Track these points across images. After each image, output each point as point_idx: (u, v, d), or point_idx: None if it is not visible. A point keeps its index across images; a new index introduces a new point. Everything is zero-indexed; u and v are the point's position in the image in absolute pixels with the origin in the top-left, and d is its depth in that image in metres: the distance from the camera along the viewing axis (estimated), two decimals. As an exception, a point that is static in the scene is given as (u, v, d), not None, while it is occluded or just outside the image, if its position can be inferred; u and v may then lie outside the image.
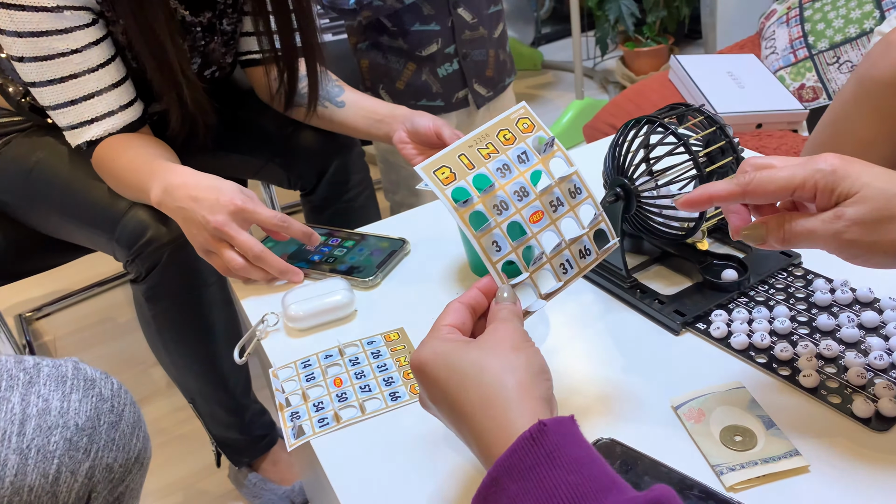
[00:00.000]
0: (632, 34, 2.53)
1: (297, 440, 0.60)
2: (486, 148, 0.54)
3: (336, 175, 1.18)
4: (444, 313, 0.49)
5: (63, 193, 1.02)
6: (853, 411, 0.53)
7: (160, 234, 0.93)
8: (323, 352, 0.69)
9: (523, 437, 0.39)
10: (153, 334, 1.03)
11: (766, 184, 0.47)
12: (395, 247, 0.82)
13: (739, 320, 0.63)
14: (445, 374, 0.45)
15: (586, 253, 0.54)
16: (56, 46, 0.86)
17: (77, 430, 0.53)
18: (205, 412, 1.12)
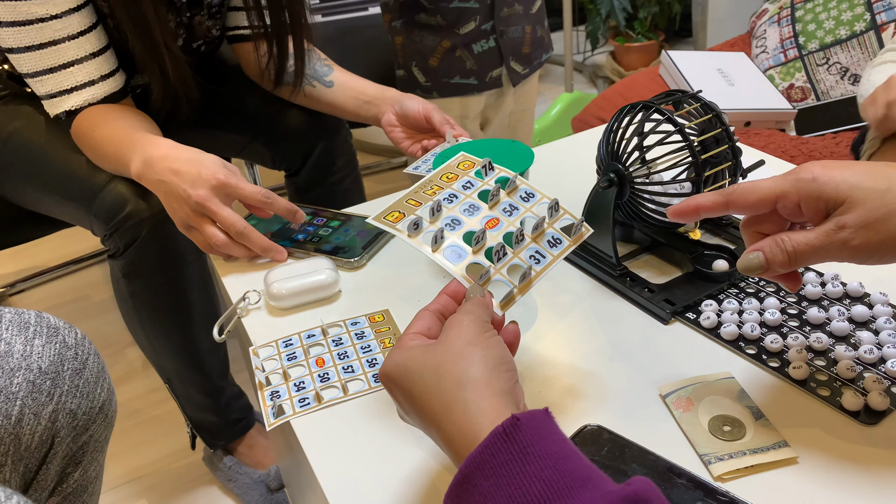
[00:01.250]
0: (623, 29, 2.52)
1: (276, 420, 0.58)
2: (430, 189, 0.57)
3: (322, 157, 1.16)
4: (411, 322, 0.49)
5: (40, 165, 0.99)
6: (842, 404, 0.52)
7: (140, 208, 0.91)
8: (305, 331, 0.67)
9: (495, 433, 0.38)
10: (130, 312, 1.01)
11: (748, 194, 0.47)
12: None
13: (730, 311, 0.62)
14: (408, 384, 0.44)
15: (556, 242, 0.54)
16: (35, 11, 0.83)
17: (40, 374, 0.52)
18: (181, 393, 1.10)
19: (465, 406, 0.41)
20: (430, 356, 0.44)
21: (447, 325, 0.47)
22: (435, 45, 1.30)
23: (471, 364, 0.43)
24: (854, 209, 0.43)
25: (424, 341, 0.47)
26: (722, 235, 0.73)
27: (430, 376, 0.43)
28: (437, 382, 0.43)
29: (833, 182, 0.44)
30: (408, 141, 0.97)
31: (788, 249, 0.45)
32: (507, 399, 0.42)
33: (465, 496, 0.38)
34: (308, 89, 1.06)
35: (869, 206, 0.43)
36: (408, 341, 0.47)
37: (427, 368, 0.44)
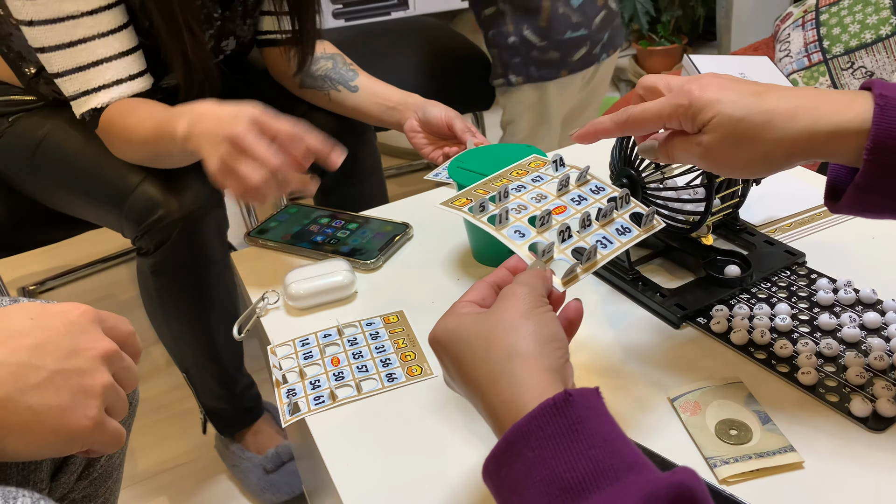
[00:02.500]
0: (645, 33, 2.51)
1: (292, 416, 0.60)
2: (499, 181, 0.59)
3: (347, 160, 1.18)
4: (467, 291, 0.49)
5: (70, 167, 1.01)
6: (851, 410, 0.53)
7: (171, 210, 0.93)
8: (322, 331, 0.69)
9: (545, 406, 0.38)
10: (155, 307, 1.03)
11: (639, 115, 0.53)
12: (398, 231, 0.82)
13: (740, 316, 0.62)
14: (457, 351, 0.45)
15: (625, 231, 0.54)
16: (66, 9, 0.84)
17: None
18: (198, 383, 1.14)
19: (511, 379, 0.41)
20: (480, 325, 0.45)
21: (502, 294, 0.47)
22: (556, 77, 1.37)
23: (521, 337, 0.43)
24: (710, 132, 0.49)
25: (477, 309, 0.47)
26: (735, 241, 0.73)
27: (480, 345, 0.43)
28: (485, 353, 0.43)
29: (705, 107, 0.49)
30: (429, 147, 0.98)
31: (668, 150, 0.53)
32: (556, 376, 0.42)
33: (507, 464, 0.39)
34: (333, 94, 1.07)
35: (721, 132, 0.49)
36: (460, 308, 0.47)
37: (477, 337, 0.44)
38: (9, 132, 1.06)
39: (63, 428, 0.42)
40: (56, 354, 0.43)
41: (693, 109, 0.49)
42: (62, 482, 0.59)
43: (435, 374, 0.62)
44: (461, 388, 0.46)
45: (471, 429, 0.56)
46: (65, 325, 0.45)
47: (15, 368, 0.42)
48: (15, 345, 0.42)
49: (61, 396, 0.42)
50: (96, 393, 0.44)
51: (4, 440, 0.41)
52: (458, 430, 0.56)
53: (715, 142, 0.49)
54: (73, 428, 0.43)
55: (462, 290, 0.72)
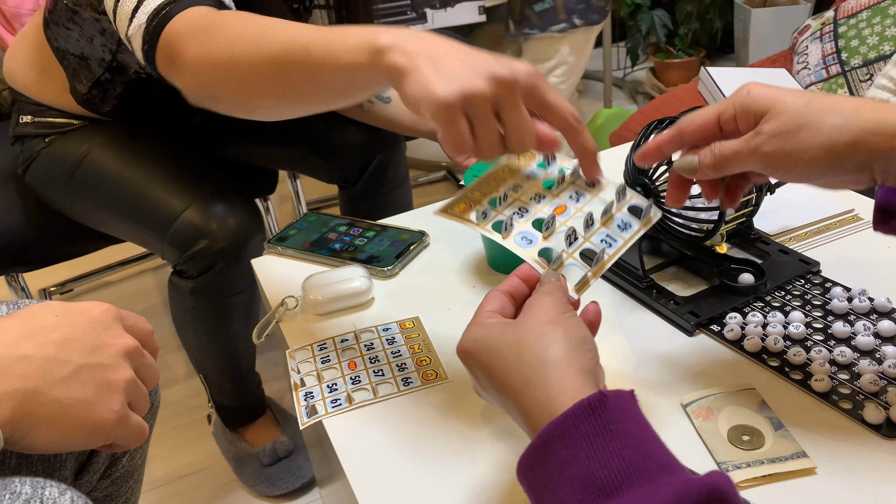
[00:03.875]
0: (663, 46, 2.52)
1: (309, 419, 0.61)
2: (494, 181, 0.58)
3: (378, 169, 1.20)
4: (484, 301, 0.50)
5: (112, 188, 1.02)
6: (864, 417, 0.53)
7: (215, 240, 0.94)
8: (339, 336, 0.70)
9: (580, 405, 0.39)
10: (186, 322, 1.06)
11: (694, 119, 0.52)
12: (414, 239, 0.83)
13: (754, 323, 0.63)
14: (487, 359, 0.46)
15: (626, 226, 0.55)
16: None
17: None
18: (213, 383, 1.17)
19: (546, 382, 0.42)
20: (510, 333, 0.45)
21: (528, 304, 0.48)
22: None
23: (552, 342, 0.44)
24: (772, 119, 0.47)
25: (500, 319, 0.48)
26: (749, 250, 0.73)
27: (511, 353, 0.44)
28: (517, 359, 0.44)
29: (763, 97, 0.48)
30: (462, 156, 1.00)
31: (715, 152, 0.50)
32: (589, 377, 0.43)
33: (542, 462, 0.39)
34: (366, 105, 1.09)
35: (784, 117, 0.47)
36: (485, 318, 0.48)
37: (507, 345, 0.45)
38: (45, 152, 1.08)
39: (88, 421, 0.44)
40: (81, 350, 0.45)
41: (751, 100, 0.48)
42: (85, 481, 0.60)
43: (450, 378, 0.63)
44: (494, 395, 0.47)
45: (486, 433, 0.57)
46: (88, 321, 0.47)
47: (42, 362, 0.43)
48: (42, 340, 0.44)
49: (87, 390, 0.44)
50: (120, 387, 0.46)
51: (32, 432, 0.42)
52: (473, 435, 0.57)
53: (776, 129, 0.47)
54: (98, 421, 0.44)
55: (477, 296, 0.74)
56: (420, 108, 0.48)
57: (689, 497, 0.34)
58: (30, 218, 1.15)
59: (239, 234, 0.96)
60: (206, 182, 1.01)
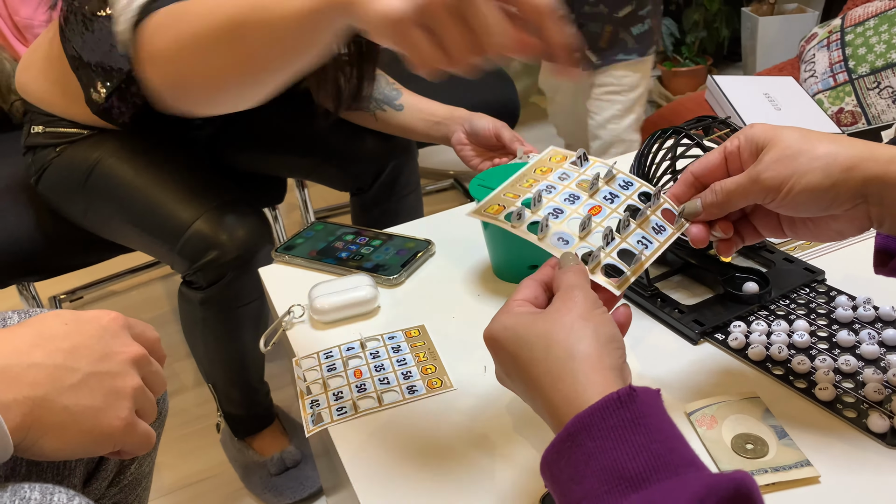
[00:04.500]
0: (670, 54, 2.52)
1: (315, 427, 0.61)
2: (526, 182, 0.58)
3: (390, 177, 1.21)
4: (517, 290, 0.50)
5: (124, 196, 1.03)
6: (868, 426, 0.53)
7: (225, 251, 0.95)
8: (345, 344, 0.70)
9: (609, 399, 0.40)
10: (196, 331, 1.06)
11: (703, 162, 0.54)
12: (420, 247, 0.83)
13: (758, 332, 0.63)
14: (514, 348, 0.46)
15: (660, 229, 0.55)
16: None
17: None
18: (222, 393, 1.18)
19: (574, 377, 0.42)
20: (539, 325, 0.45)
21: (558, 296, 0.48)
22: None
23: (582, 338, 0.44)
24: (771, 150, 0.50)
25: (532, 309, 0.48)
26: (754, 258, 0.73)
27: (539, 345, 0.44)
28: (545, 352, 0.44)
29: (763, 131, 0.51)
30: (477, 159, 1.00)
31: (717, 189, 0.52)
32: (617, 374, 0.43)
33: (567, 454, 0.40)
34: (379, 113, 1.10)
35: (781, 145, 0.49)
36: (515, 307, 0.48)
37: (537, 336, 0.45)
38: (56, 161, 1.09)
39: (96, 428, 0.45)
40: (90, 357, 0.46)
41: (753, 134, 0.51)
42: (94, 488, 0.61)
43: (455, 387, 0.64)
44: (518, 384, 0.47)
45: (492, 441, 0.57)
46: (97, 329, 0.48)
47: (52, 370, 0.44)
48: (51, 348, 0.45)
49: (95, 398, 0.45)
50: (127, 395, 0.46)
51: (42, 439, 0.43)
52: (478, 442, 0.57)
53: (774, 156, 0.49)
54: (106, 428, 0.45)
55: (482, 305, 0.74)
56: (377, 35, 0.46)
57: (718, 491, 0.35)
58: (42, 228, 1.16)
59: (248, 245, 0.97)
60: (217, 193, 1.02)
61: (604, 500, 0.37)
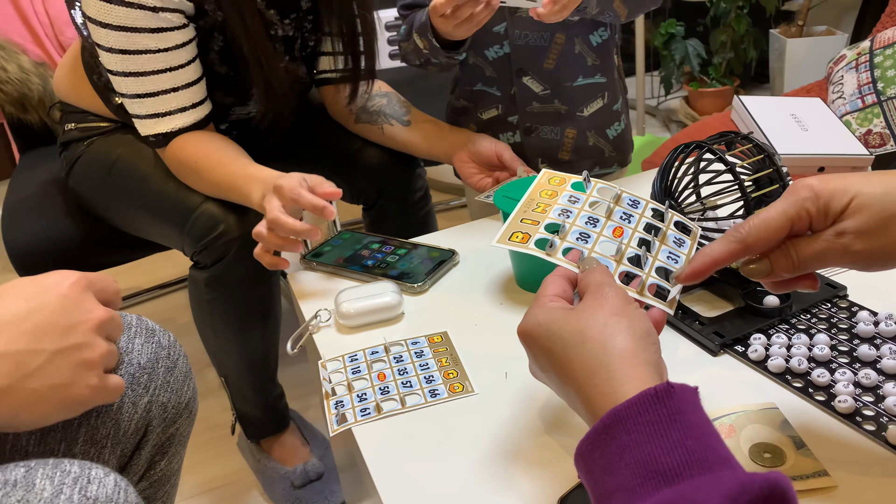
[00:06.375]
0: (697, 74, 2.53)
1: (339, 426, 0.63)
2: (538, 207, 0.60)
3: (397, 191, 1.23)
4: (544, 286, 0.51)
5: (139, 189, 1.09)
6: (888, 438, 0.53)
7: (230, 228, 0.98)
8: (369, 348, 0.72)
9: (646, 394, 0.40)
10: (203, 315, 1.09)
11: (762, 230, 0.47)
12: (444, 257, 0.85)
13: (778, 345, 0.63)
14: (549, 342, 0.47)
15: (680, 242, 0.58)
16: (145, 43, 0.92)
17: (139, 368, 0.58)
18: (234, 388, 1.19)
19: (611, 372, 0.43)
20: (573, 320, 0.46)
21: (589, 292, 0.48)
22: (466, 127, 1.12)
23: (617, 333, 0.45)
24: (855, 215, 0.44)
25: (564, 304, 0.49)
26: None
27: (574, 340, 0.45)
28: (580, 347, 0.45)
29: (837, 192, 0.45)
30: (478, 175, 1.03)
31: (793, 256, 0.47)
32: (653, 370, 0.44)
33: (602, 446, 0.40)
34: (387, 128, 1.13)
35: (869, 211, 0.44)
36: (547, 302, 0.49)
37: (572, 332, 0.46)
38: (85, 154, 1.15)
39: (67, 399, 0.47)
40: (54, 334, 0.47)
41: (823, 199, 0.45)
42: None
43: (476, 391, 0.65)
44: (552, 378, 0.48)
45: (513, 445, 0.58)
46: (58, 300, 0.48)
47: (15, 357, 0.45)
48: (13, 332, 0.46)
49: (62, 374, 0.47)
50: (95, 364, 0.49)
51: (16, 419, 0.46)
52: (498, 445, 0.58)
53: (862, 225, 0.44)
54: (77, 398, 0.48)
55: (505, 314, 0.76)
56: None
57: (751, 490, 0.35)
58: (75, 224, 1.21)
59: (254, 225, 1.00)
60: None
61: (636, 492, 0.37)
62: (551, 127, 1.08)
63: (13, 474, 0.42)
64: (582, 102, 1.06)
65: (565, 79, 1.04)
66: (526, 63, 1.03)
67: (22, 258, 1.20)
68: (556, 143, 1.09)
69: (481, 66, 1.07)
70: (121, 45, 0.92)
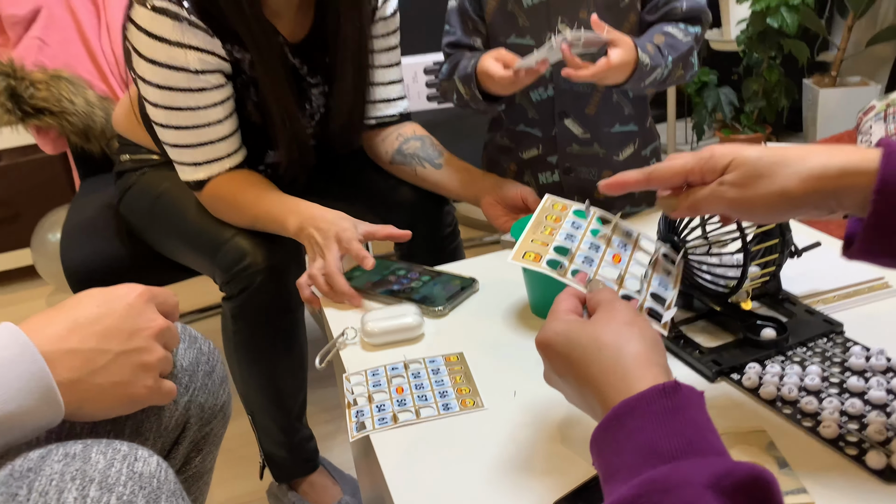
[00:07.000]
0: (729, 122, 2.57)
1: (358, 433, 0.69)
2: (546, 229, 0.67)
3: (427, 228, 1.30)
4: (557, 302, 0.58)
5: (180, 220, 1.18)
6: (867, 462, 0.56)
7: (256, 261, 1.06)
8: (390, 364, 0.78)
9: (655, 388, 0.46)
10: (230, 347, 1.15)
11: (663, 171, 0.60)
12: (465, 284, 0.91)
13: (771, 374, 0.67)
14: (567, 349, 0.53)
15: (668, 272, 0.65)
16: (188, 102, 1.03)
17: (181, 370, 0.65)
18: (260, 426, 1.22)
19: (626, 372, 0.49)
20: (589, 329, 0.53)
21: (601, 307, 0.55)
22: (506, 165, 1.18)
23: (630, 340, 0.51)
24: (732, 171, 0.56)
25: (578, 317, 0.55)
26: (777, 309, 0.78)
27: (591, 347, 0.51)
28: (596, 353, 0.51)
29: (726, 155, 0.57)
30: (504, 217, 1.09)
31: (689, 198, 0.59)
32: (663, 371, 0.50)
33: (612, 431, 0.46)
34: (419, 169, 1.20)
35: (742, 169, 0.55)
36: (563, 315, 0.55)
37: (588, 340, 0.52)
38: (137, 184, 1.25)
39: (126, 396, 0.55)
40: (119, 338, 0.55)
41: (714, 159, 0.57)
42: None
43: (486, 407, 0.70)
44: (568, 381, 0.54)
45: (515, 454, 0.63)
46: (125, 308, 0.56)
47: (86, 354, 0.53)
48: (85, 333, 0.54)
49: (123, 373, 0.54)
50: (153, 367, 0.56)
51: (81, 409, 0.53)
52: (503, 454, 0.63)
53: (736, 179, 0.55)
54: (134, 396, 0.55)
55: (519, 338, 0.81)
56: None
57: (736, 474, 0.40)
58: (124, 246, 1.31)
59: (280, 258, 1.07)
60: None
61: (637, 470, 0.43)
62: (589, 168, 1.12)
63: (73, 449, 0.48)
64: (618, 147, 1.12)
65: (604, 124, 1.10)
66: (569, 107, 1.09)
67: (76, 275, 1.29)
68: (592, 183, 1.12)
69: (525, 108, 1.12)
70: (165, 102, 1.03)
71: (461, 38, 1.10)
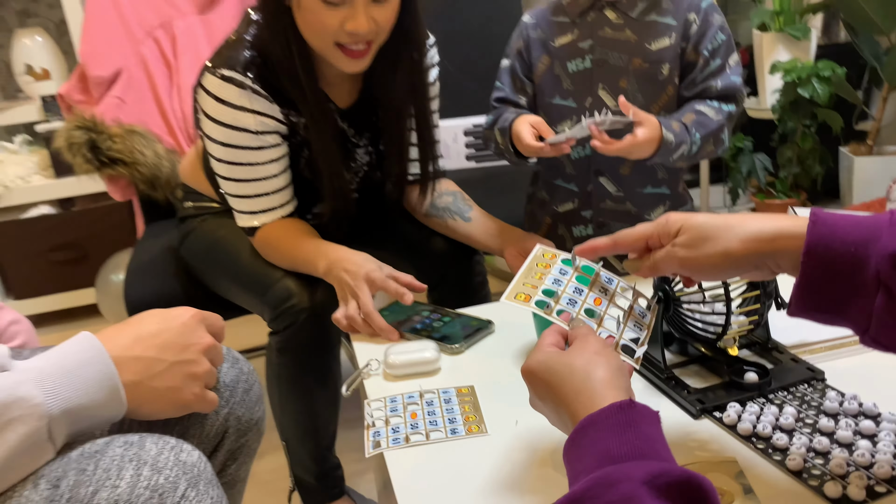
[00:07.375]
0: (764, 187, 2.62)
1: (374, 450, 0.77)
2: (536, 275, 0.77)
3: (457, 276, 1.39)
4: (543, 337, 0.67)
5: (234, 263, 1.30)
6: (825, 492, 0.62)
7: (302, 300, 1.17)
8: (407, 393, 0.86)
9: (613, 405, 0.54)
10: (272, 379, 1.25)
11: (627, 237, 0.70)
12: (482, 325, 1.00)
13: (749, 412, 0.73)
14: (546, 375, 0.62)
15: (642, 316, 0.74)
16: (248, 158, 1.16)
17: (223, 386, 0.75)
18: (294, 453, 1.31)
19: (593, 392, 0.57)
20: (565, 358, 0.62)
21: (576, 341, 0.64)
22: (541, 219, 1.27)
23: (598, 365, 0.60)
24: (682, 234, 0.65)
25: (557, 349, 0.64)
26: (764, 356, 0.84)
27: (565, 372, 0.60)
28: (570, 377, 0.59)
29: (679, 221, 0.66)
30: None
31: (649, 260, 0.68)
32: (625, 393, 0.58)
33: (578, 441, 0.54)
34: (450, 222, 1.31)
35: (690, 233, 0.64)
36: (545, 348, 0.64)
37: (563, 366, 0.61)
38: (197, 229, 1.39)
39: (177, 401, 0.65)
40: (174, 350, 0.65)
41: (668, 224, 0.67)
42: None
43: (489, 433, 0.78)
44: (548, 404, 0.62)
45: (513, 473, 0.71)
46: (180, 326, 0.67)
47: (147, 362, 0.64)
48: (147, 344, 0.65)
49: (175, 380, 0.65)
50: (200, 377, 0.67)
51: (139, 409, 0.64)
52: (501, 474, 0.71)
53: (686, 241, 0.64)
54: (184, 401, 0.66)
55: (524, 374, 0.88)
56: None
57: (671, 474, 0.47)
58: (181, 286, 1.44)
59: (323, 300, 1.17)
60: None
61: (592, 472, 0.50)
62: (622, 224, 1.13)
63: (131, 438, 0.59)
64: (650, 207, 1.21)
65: (637, 185, 1.19)
66: (604, 166, 1.18)
67: (137, 311, 1.40)
68: None
69: (563, 163, 1.21)
70: (227, 158, 1.17)
71: (509, 95, 1.22)
